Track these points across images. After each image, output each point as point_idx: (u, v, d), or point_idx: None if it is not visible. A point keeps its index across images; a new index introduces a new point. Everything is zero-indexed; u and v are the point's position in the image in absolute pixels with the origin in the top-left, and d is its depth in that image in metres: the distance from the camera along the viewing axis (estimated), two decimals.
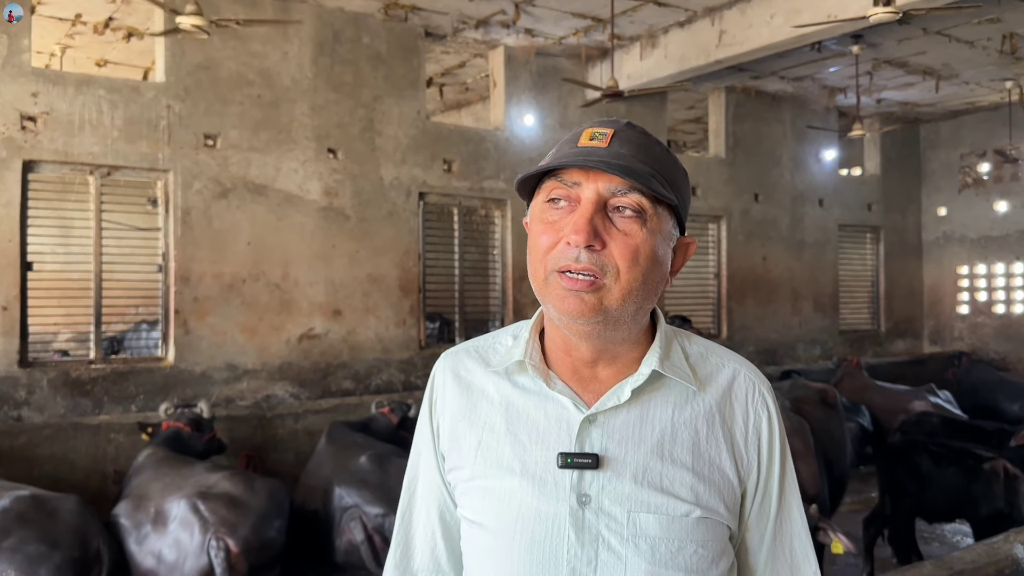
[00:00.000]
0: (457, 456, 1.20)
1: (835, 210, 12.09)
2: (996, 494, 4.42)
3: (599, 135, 1.12)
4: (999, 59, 9.40)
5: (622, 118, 6.11)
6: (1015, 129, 11.37)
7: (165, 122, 6.99)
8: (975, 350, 12.40)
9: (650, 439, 1.12)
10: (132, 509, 4.84)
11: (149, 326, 8.77)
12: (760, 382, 1.20)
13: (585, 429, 1.13)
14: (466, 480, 1.19)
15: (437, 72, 9.86)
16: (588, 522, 1.09)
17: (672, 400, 1.15)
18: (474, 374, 1.23)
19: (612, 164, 1.08)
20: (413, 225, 8.37)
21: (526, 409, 1.17)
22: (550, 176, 1.13)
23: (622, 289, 1.09)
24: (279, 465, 6.64)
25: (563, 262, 1.09)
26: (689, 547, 1.09)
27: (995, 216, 12.43)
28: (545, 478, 1.12)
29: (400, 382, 8.21)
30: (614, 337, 1.14)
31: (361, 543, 5.15)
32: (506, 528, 1.12)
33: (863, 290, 12.80)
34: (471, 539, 1.18)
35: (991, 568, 3.73)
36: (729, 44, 7.99)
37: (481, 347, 1.27)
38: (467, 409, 1.21)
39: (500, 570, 1.13)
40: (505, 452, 1.15)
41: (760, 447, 1.16)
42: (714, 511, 1.11)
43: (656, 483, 1.10)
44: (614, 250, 1.09)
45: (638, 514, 1.09)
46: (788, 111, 11.41)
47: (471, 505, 1.18)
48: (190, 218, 7.12)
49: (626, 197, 1.09)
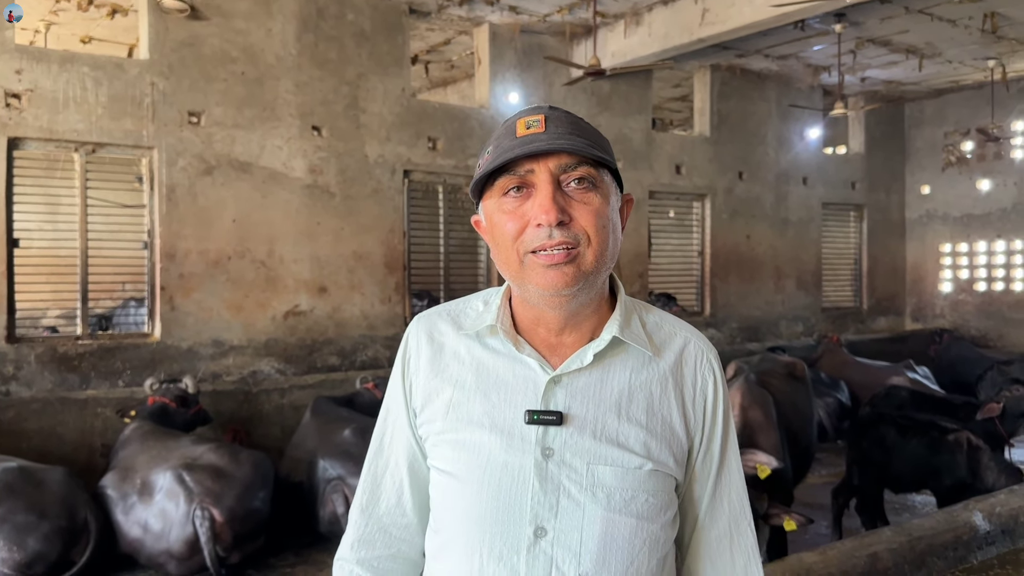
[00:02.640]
0: (430, 411, 1.29)
1: (819, 188, 12.18)
2: (959, 464, 4.55)
3: (533, 123, 1.21)
4: (981, 38, 9.47)
5: (606, 96, 6.24)
6: (997, 108, 11.47)
7: (149, 99, 7.01)
8: (956, 327, 12.56)
9: (609, 399, 1.23)
10: (119, 480, 4.94)
11: (137, 303, 8.81)
12: (708, 349, 1.31)
13: (550, 389, 1.22)
14: (437, 433, 1.28)
15: (422, 49, 9.87)
16: (551, 473, 1.19)
17: (630, 364, 1.25)
18: (447, 336, 1.32)
19: (556, 144, 1.18)
20: (398, 203, 8.42)
21: (496, 369, 1.26)
22: (500, 173, 1.21)
23: (594, 252, 1.19)
24: (265, 439, 6.75)
25: (536, 243, 1.18)
26: (641, 496, 1.20)
27: (977, 194, 12.55)
28: (512, 432, 1.21)
29: (386, 358, 8.30)
30: (585, 300, 1.23)
31: (343, 515, 5.25)
32: (475, 477, 1.22)
33: (846, 268, 12.93)
34: (442, 487, 1.27)
35: (949, 535, 3.86)
36: (712, 22, 8.03)
37: (453, 311, 1.35)
38: (440, 368, 1.30)
39: (469, 515, 1.22)
40: (475, 408, 1.25)
41: (706, 407, 1.27)
42: (664, 464, 1.22)
43: (613, 438, 1.21)
44: (580, 220, 1.19)
45: (596, 466, 1.19)
46: (772, 89, 11.47)
47: (442, 456, 1.27)
48: (175, 195, 7.16)
49: (576, 170, 1.19)
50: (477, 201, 1.29)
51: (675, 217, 11.17)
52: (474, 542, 1.21)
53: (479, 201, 1.29)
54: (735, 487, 1.31)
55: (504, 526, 1.20)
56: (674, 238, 10.90)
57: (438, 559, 1.28)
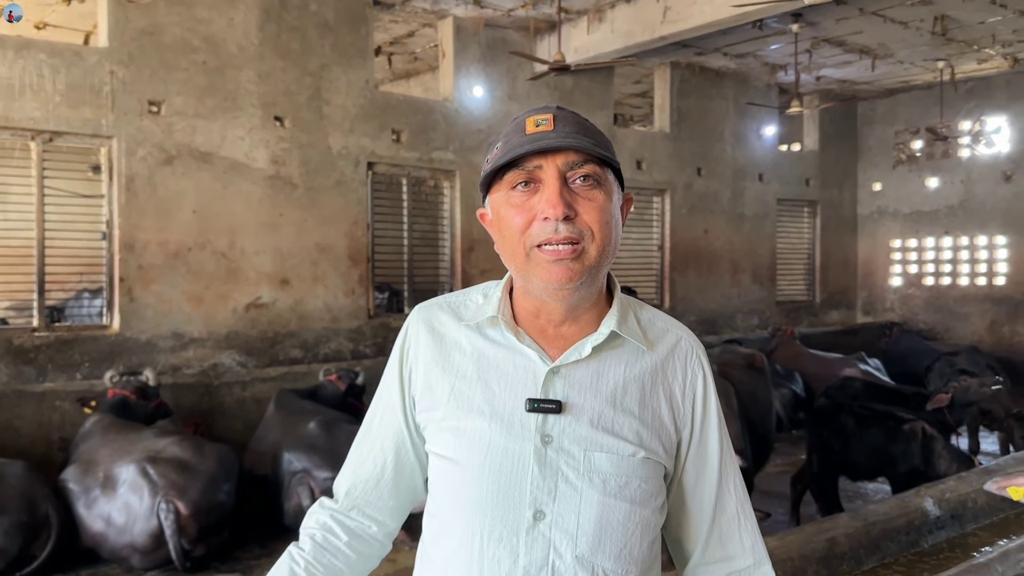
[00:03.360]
0: (430, 399, 1.34)
1: (774, 184, 12.42)
2: (914, 453, 4.72)
3: (543, 121, 1.26)
4: (931, 40, 9.74)
5: (569, 91, 6.32)
6: (946, 108, 11.79)
7: (108, 88, 6.90)
8: (905, 320, 12.91)
9: (605, 390, 1.28)
10: (80, 474, 4.88)
11: (91, 295, 8.66)
12: (698, 347, 1.37)
13: (550, 379, 1.27)
14: (438, 420, 1.32)
15: (385, 41, 9.84)
16: (550, 458, 1.24)
17: (625, 358, 1.31)
18: (447, 327, 1.36)
19: (564, 142, 1.24)
20: (362, 195, 8.40)
21: (496, 360, 1.31)
22: (509, 168, 1.26)
23: (598, 248, 1.25)
24: (227, 432, 6.70)
25: (542, 236, 1.23)
26: (634, 482, 1.26)
27: (927, 192, 12.91)
28: (512, 420, 1.26)
29: (349, 351, 8.29)
30: (587, 295, 1.29)
31: (308, 507, 5.26)
32: (476, 462, 1.26)
33: (800, 262, 13.21)
34: (441, 472, 1.32)
35: (902, 520, 4.01)
36: (673, 20, 8.15)
37: (453, 303, 1.40)
38: (440, 358, 1.34)
39: (470, 499, 1.27)
40: (476, 397, 1.29)
41: (695, 400, 1.34)
42: (655, 453, 1.28)
43: (609, 427, 1.26)
44: (585, 216, 1.24)
45: (593, 453, 1.25)
46: (730, 87, 11.65)
47: (442, 442, 1.31)
48: (134, 185, 7.06)
49: (582, 168, 1.25)
50: (484, 195, 1.35)
51: (635, 212, 11.30)
52: (475, 525, 1.26)
53: (486, 195, 1.34)
54: (736, 473, 1.38)
55: (504, 509, 1.25)
56: (635, 232, 11.03)
57: (436, 542, 1.33)
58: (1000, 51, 10.34)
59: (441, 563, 1.31)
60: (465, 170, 9.12)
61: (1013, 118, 11.88)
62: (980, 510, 4.30)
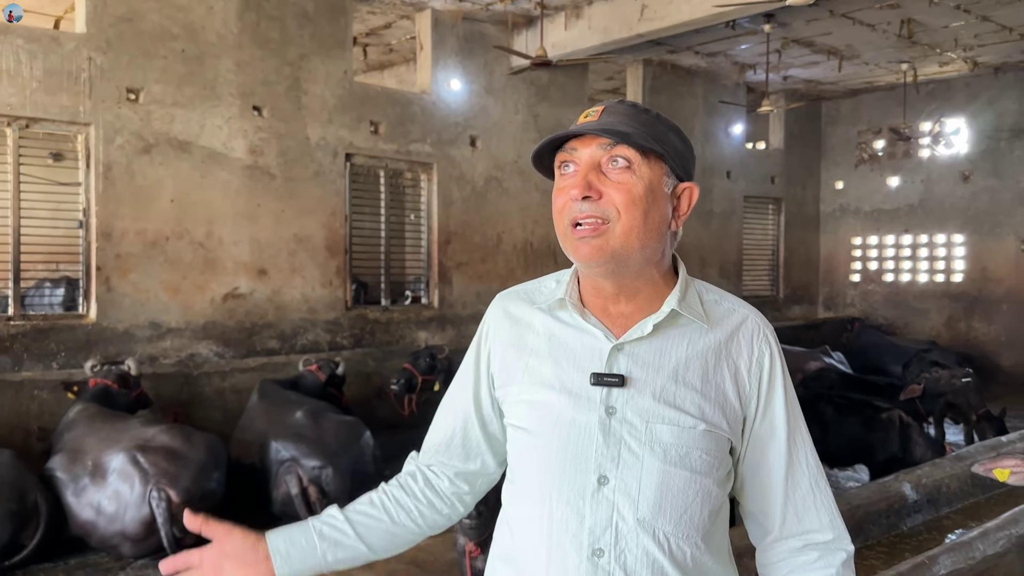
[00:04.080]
0: (507, 376, 1.45)
1: (741, 182, 12.65)
2: (892, 440, 4.91)
3: (592, 112, 1.38)
4: (897, 42, 10.01)
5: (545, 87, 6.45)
6: (908, 109, 12.12)
7: (86, 74, 6.82)
8: (866, 315, 13.26)
9: (667, 366, 1.36)
10: (68, 463, 4.85)
11: (53, 284, 8.53)
12: (765, 326, 1.44)
13: (614, 356, 1.36)
14: (515, 395, 1.44)
15: (361, 32, 9.83)
16: (613, 429, 1.33)
17: (687, 335, 1.38)
18: (522, 311, 1.48)
19: (598, 129, 1.34)
20: (340, 186, 8.40)
21: (565, 339, 1.41)
22: (560, 151, 1.39)
23: (623, 228, 1.32)
24: (206, 423, 6.67)
25: (572, 215, 1.34)
26: (695, 452, 1.33)
27: (887, 190, 13.26)
28: (579, 393, 1.35)
29: (326, 342, 8.29)
30: (628, 272, 1.37)
31: (296, 495, 5.29)
32: (546, 432, 1.36)
33: (764, 258, 13.49)
34: (518, 441, 1.44)
35: (883, 503, 4.19)
36: (650, 19, 8.28)
37: (528, 290, 1.52)
38: (516, 339, 1.46)
39: (541, 465, 1.37)
40: (547, 372, 1.39)
41: (762, 377, 1.39)
42: (717, 426, 1.35)
43: (670, 401, 1.34)
44: (612, 197, 1.32)
45: (654, 424, 1.33)
46: (701, 85, 11.84)
47: (518, 414, 1.42)
48: (112, 173, 6.99)
49: (613, 150, 1.33)
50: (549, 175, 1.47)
51: None
52: (545, 489, 1.36)
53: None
54: (809, 450, 1.44)
55: (571, 474, 1.34)
56: None
57: (514, 504, 1.44)
58: (961, 55, 10.66)
59: (517, 526, 1.42)
60: (442, 163, 9.16)
61: (971, 120, 12.26)
62: (954, 494, 4.50)
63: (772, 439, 1.42)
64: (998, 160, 12.02)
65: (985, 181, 12.15)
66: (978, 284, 12.30)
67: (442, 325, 9.26)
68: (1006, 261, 12.00)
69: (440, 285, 9.26)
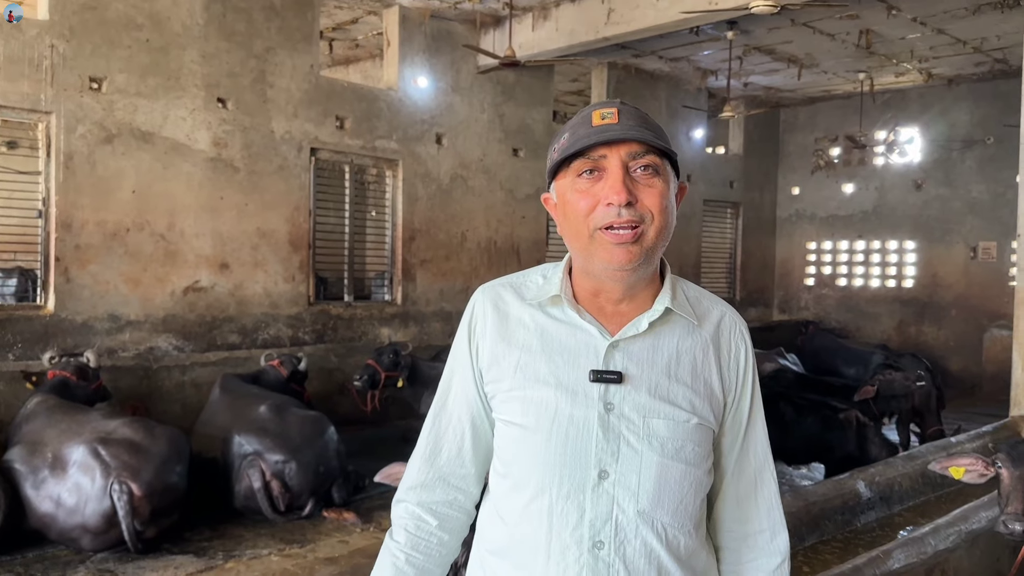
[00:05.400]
0: (497, 371, 1.45)
1: (701, 186, 12.84)
2: (849, 439, 5.06)
3: (608, 114, 1.38)
4: (855, 52, 10.26)
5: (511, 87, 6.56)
6: (864, 117, 12.41)
7: (48, 62, 6.70)
8: (819, 319, 13.54)
9: (661, 362, 1.41)
10: (27, 454, 4.78)
11: (5, 274, 8.34)
12: (740, 322, 1.51)
13: (610, 353, 1.40)
14: (506, 391, 1.44)
15: (328, 26, 9.78)
16: (612, 424, 1.37)
17: (677, 332, 1.44)
18: (511, 305, 1.48)
19: (628, 134, 1.37)
20: (304, 180, 8.36)
21: (559, 335, 1.43)
22: (576, 157, 1.39)
23: (656, 231, 1.37)
24: (165, 416, 6.60)
25: (606, 220, 1.35)
26: (688, 445, 1.39)
27: (842, 197, 13.57)
28: (577, 390, 1.38)
29: (288, 337, 8.25)
30: (644, 275, 1.41)
31: (259, 490, 5.28)
32: (545, 428, 1.38)
33: (722, 261, 13.72)
34: (511, 437, 1.44)
35: (838, 500, 4.33)
36: (617, 23, 8.38)
37: (515, 283, 1.51)
38: (506, 334, 1.46)
39: (540, 460, 1.39)
40: (541, 369, 1.41)
41: (739, 370, 1.47)
42: (706, 419, 1.42)
43: (665, 396, 1.39)
44: (646, 201, 1.36)
45: (651, 419, 1.37)
46: (664, 90, 11.99)
47: (511, 410, 1.43)
48: (73, 163, 6.88)
49: (644, 158, 1.37)
50: (550, 181, 1.47)
51: None
52: (545, 483, 1.39)
53: (552, 181, 1.47)
54: (760, 441, 1.52)
55: (572, 469, 1.37)
56: None
57: (507, 499, 1.45)
58: (917, 66, 10.95)
59: (513, 519, 1.43)
60: (408, 160, 9.17)
61: (925, 129, 12.60)
62: (906, 492, 4.66)
63: (737, 429, 1.49)
64: (949, 169, 12.37)
65: (937, 190, 12.50)
66: (928, 290, 12.65)
67: (405, 322, 9.26)
68: (955, 268, 12.36)
69: (404, 282, 9.26)
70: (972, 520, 3.56)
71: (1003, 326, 10.64)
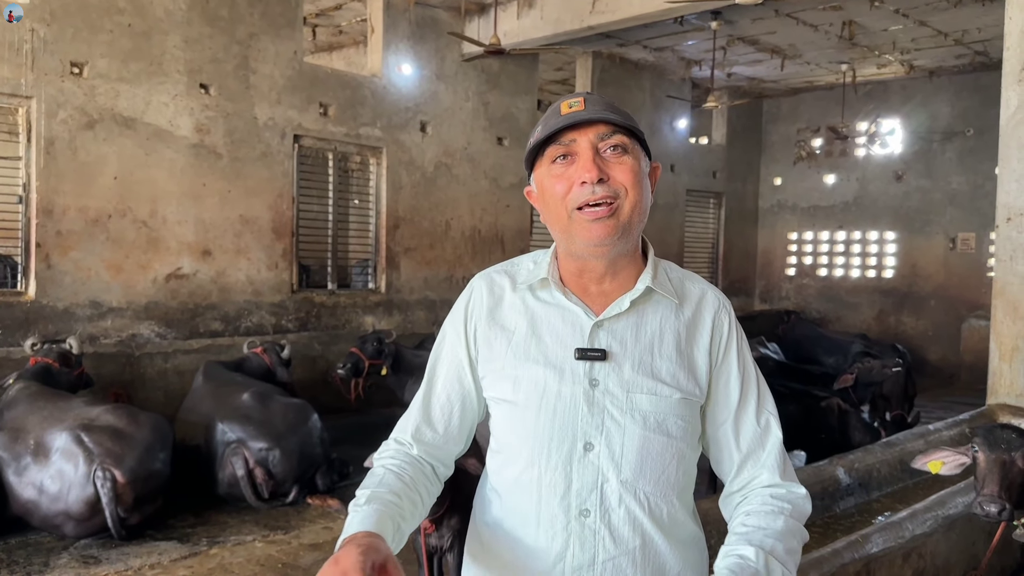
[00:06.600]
0: (488, 352, 1.53)
1: (684, 176, 12.90)
2: (831, 427, 5.13)
3: (575, 103, 1.46)
4: (838, 43, 10.32)
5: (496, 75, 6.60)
6: (846, 109, 12.50)
7: (29, 46, 6.63)
8: (800, 308, 13.66)
9: (644, 339, 1.47)
10: (9, 441, 4.76)
11: None
12: (724, 300, 1.57)
13: (595, 331, 1.46)
14: (498, 370, 1.51)
15: (311, 12, 9.72)
16: (597, 399, 1.44)
17: (660, 310, 1.50)
18: (504, 289, 1.56)
19: (594, 116, 1.43)
20: (287, 167, 8.33)
21: (547, 316, 1.50)
22: (548, 144, 1.46)
23: (631, 203, 1.43)
24: (147, 403, 6.58)
25: (581, 199, 1.42)
26: (671, 419, 1.46)
27: (824, 188, 13.67)
28: (563, 367, 1.46)
29: (271, 325, 8.23)
30: (624, 250, 1.47)
31: (242, 477, 5.28)
32: (534, 403, 1.46)
33: (705, 251, 13.80)
34: (503, 413, 1.52)
35: (818, 486, 4.37)
36: (602, 11, 8.38)
37: (508, 269, 1.59)
38: (499, 316, 1.54)
39: (530, 434, 1.46)
40: (531, 348, 1.49)
41: (723, 339, 1.52)
42: (691, 393, 1.48)
43: (648, 372, 1.45)
44: (619, 177, 1.42)
45: (634, 394, 1.44)
46: (648, 79, 12.02)
47: (502, 388, 1.50)
48: (54, 148, 6.82)
49: (612, 139, 1.43)
50: (529, 174, 1.54)
51: None
52: (534, 456, 1.46)
53: (531, 174, 1.53)
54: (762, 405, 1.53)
55: (559, 442, 1.44)
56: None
57: (500, 473, 1.53)
58: (898, 58, 11.04)
59: (505, 492, 1.51)
60: (392, 147, 9.15)
61: (906, 121, 12.70)
62: (884, 479, 4.72)
63: (726, 395, 1.52)
64: (930, 161, 12.48)
65: (917, 181, 12.61)
66: (908, 280, 12.78)
67: (389, 310, 9.26)
68: (935, 259, 12.49)
69: (388, 270, 9.26)
70: (949, 505, 3.61)
71: (981, 316, 10.76)
